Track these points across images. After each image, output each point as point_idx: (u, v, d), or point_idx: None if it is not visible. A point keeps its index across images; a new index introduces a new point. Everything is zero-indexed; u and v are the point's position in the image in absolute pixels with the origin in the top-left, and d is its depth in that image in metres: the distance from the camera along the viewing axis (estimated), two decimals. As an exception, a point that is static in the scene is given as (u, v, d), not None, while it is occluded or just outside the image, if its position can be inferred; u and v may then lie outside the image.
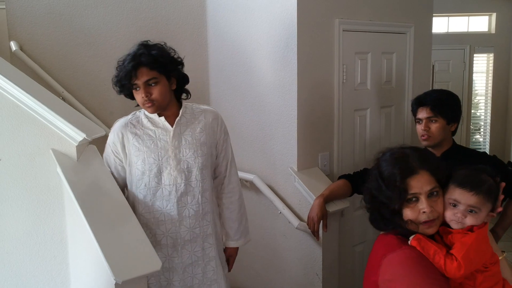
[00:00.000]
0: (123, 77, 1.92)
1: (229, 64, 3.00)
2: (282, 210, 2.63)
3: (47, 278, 2.13)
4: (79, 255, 2.04)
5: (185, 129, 2.01)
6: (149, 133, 1.99)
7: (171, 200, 1.97)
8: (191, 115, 2.05)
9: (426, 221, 1.34)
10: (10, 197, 2.08)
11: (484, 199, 1.32)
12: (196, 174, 2.00)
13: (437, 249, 1.31)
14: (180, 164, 1.98)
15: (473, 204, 1.32)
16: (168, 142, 1.98)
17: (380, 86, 2.94)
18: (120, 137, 2.01)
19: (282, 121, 2.65)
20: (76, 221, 1.97)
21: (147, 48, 1.95)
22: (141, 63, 1.90)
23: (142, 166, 1.97)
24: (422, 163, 1.37)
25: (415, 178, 1.34)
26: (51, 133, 2.03)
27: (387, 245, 1.39)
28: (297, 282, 2.72)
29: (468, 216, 1.32)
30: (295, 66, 2.53)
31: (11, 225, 2.09)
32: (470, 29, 6.44)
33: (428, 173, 1.35)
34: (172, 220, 1.98)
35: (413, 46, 3.08)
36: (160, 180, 1.96)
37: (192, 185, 2.00)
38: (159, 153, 1.97)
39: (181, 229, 1.99)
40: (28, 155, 2.06)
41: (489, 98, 6.55)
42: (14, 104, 2.02)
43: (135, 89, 1.94)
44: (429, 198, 1.34)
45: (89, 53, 3.00)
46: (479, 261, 1.30)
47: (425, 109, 2.22)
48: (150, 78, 1.91)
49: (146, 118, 2.02)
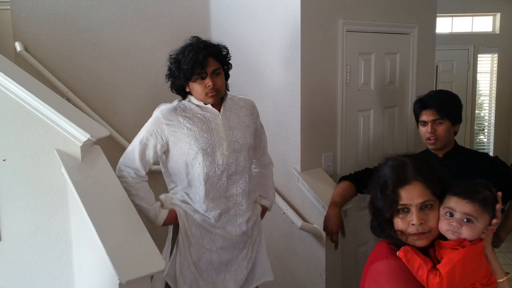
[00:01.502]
0: (190, 67, 1.96)
1: (232, 64, 3.00)
2: (285, 211, 2.63)
3: (51, 278, 2.14)
4: (83, 255, 2.04)
5: (230, 114, 2.11)
6: (198, 116, 2.04)
7: (222, 178, 2.05)
8: (232, 101, 2.15)
9: (415, 233, 1.31)
10: (15, 197, 2.09)
11: (480, 208, 1.28)
12: (245, 154, 2.09)
13: (422, 263, 1.27)
14: (231, 144, 2.05)
15: (468, 212, 1.28)
16: (219, 124, 2.05)
17: (383, 86, 2.94)
18: (169, 119, 2.02)
19: (285, 121, 2.65)
20: (81, 221, 1.97)
21: (207, 42, 2.05)
22: (210, 54, 1.99)
23: (196, 145, 2.00)
24: (417, 174, 1.33)
25: (406, 189, 1.32)
26: (55, 134, 2.04)
27: (378, 252, 1.39)
28: (300, 283, 2.72)
29: (464, 226, 1.28)
30: (299, 66, 2.53)
31: (16, 225, 2.10)
32: (474, 29, 6.42)
33: (421, 185, 1.32)
34: (221, 197, 2.06)
35: (417, 47, 3.08)
36: (214, 159, 2.02)
37: (241, 164, 2.09)
38: (212, 133, 2.03)
39: (229, 205, 2.08)
40: (32, 155, 2.07)
41: (493, 99, 6.53)
42: (19, 105, 2.03)
43: (199, 78, 1.98)
44: (421, 211, 1.31)
45: (93, 54, 3.01)
46: (466, 279, 1.25)
47: (431, 111, 2.21)
48: (217, 67, 2.02)
49: (194, 105, 2.07)
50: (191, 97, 2.08)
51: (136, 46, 3.11)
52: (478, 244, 1.28)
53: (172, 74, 2.05)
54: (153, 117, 2.06)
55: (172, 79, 2.06)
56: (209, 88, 1.98)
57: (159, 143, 2.03)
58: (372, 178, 1.46)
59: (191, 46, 2.00)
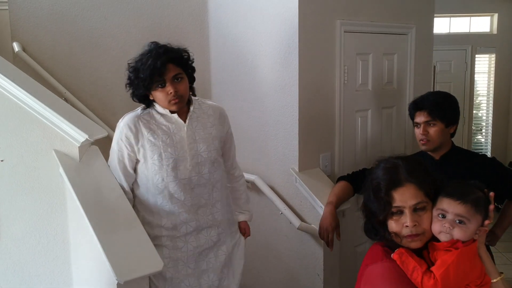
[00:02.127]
0: (148, 75, 1.89)
1: (230, 64, 3.01)
2: (283, 211, 2.63)
3: (49, 278, 2.14)
4: (81, 255, 2.05)
5: (197, 124, 2.05)
6: (163, 128, 1.99)
7: (186, 191, 2.01)
8: (200, 110, 2.09)
9: (409, 235, 1.31)
10: (13, 197, 2.09)
11: (472, 209, 1.28)
12: (209, 167, 2.05)
13: (416, 265, 1.28)
14: (194, 158, 2.02)
15: (460, 213, 1.28)
16: (183, 137, 2.01)
17: (381, 87, 2.95)
18: (134, 131, 1.97)
19: (283, 121, 2.66)
20: (79, 221, 1.98)
21: (166, 46, 1.97)
22: (169, 59, 1.91)
23: (159, 160, 1.97)
24: (410, 176, 1.33)
25: (399, 191, 1.32)
26: (53, 134, 2.05)
27: (373, 255, 1.39)
28: (298, 283, 2.73)
29: (456, 227, 1.28)
30: (297, 66, 2.54)
31: (14, 225, 2.10)
32: (472, 29, 6.43)
33: (414, 186, 1.32)
34: (189, 211, 2.03)
35: (415, 47, 3.09)
36: (177, 174, 1.99)
37: (204, 177, 2.05)
38: (176, 147, 1.99)
39: (197, 217, 2.05)
40: (30, 155, 2.07)
41: (491, 99, 6.54)
42: (17, 105, 2.04)
43: (159, 86, 1.92)
44: (414, 213, 1.32)
45: (91, 54, 3.01)
46: (460, 281, 1.25)
47: (423, 113, 2.21)
48: (177, 73, 1.94)
49: (159, 114, 2.01)
50: (156, 105, 2.01)
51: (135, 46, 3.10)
52: (471, 245, 1.28)
53: (131, 83, 1.97)
54: (119, 128, 2.01)
55: (132, 89, 1.98)
56: (171, 95, 1.91)
57: (131, 152, 2.00)
58: (365, 180, 1.45)
59: (149, 52, 1.92)
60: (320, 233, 2.33)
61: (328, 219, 2.29)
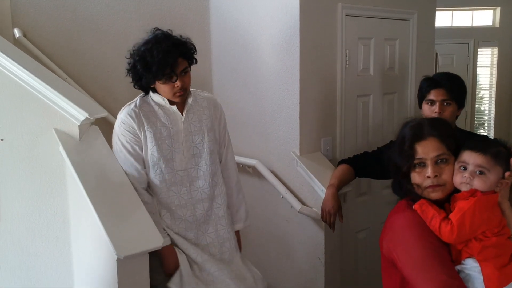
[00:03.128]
0: (159, 69, 1.85)
1: (231, 49, 3.00)
2: (284, 194, 2.62)
3: (49, 258, 2.13)
4: (81, 234, 2.04)
5: (193, 116, 2.05)
6: (161, 120, 1.98)
7: (184, 184, 2.00)
8: (195, 101, 2.08)
9: (430, 185, 1.37)
10: (13, 177, 2.09)
11: (492, 160, 1.32)
12: (206, 158, 2.04)
13: (435, 213, 1.33)
14: (190, 150, 2.02)
15: (480, 164, 1.32)
16: (180, 129, 2.00)
17: (383, 72, 2.93)
18: (136, 121, 1.94)
19: (284, 105, 2.65)
20: (79, 200, 1.97)
21: (175, 39, 1.94)
22: (180, 54, 1.91)
23: (157, 152, 1.96)
24: (432, 130, 1.40)
25: (422, 144, 1.38)
26: (53, 113, 2.04)
27: (397, 207, 1.47)
28: (299, 267, 2.72)
29: (476, 177, 1.32)
30: (298, 50, 2.53)
31: (14, 205, 2.10)
32: (474, 23, 6.41)
33: (437, 140, 1.38)
34: (187, 204, 2.01)
35: (416, 33, 3.07)
36: (173, 166, 1.98)
37: (202, 169, 2.04)
38: (172, 139, 1.98)
39: (196, 212, 2.02)
40: (31, 135, 2.07)
41: (493, 93, 6.52)
42: (17, 84, 2.03)
43: (168, 79, 1.89)
44: (436, 165, 1.37)
45: (92, 40, 3.00)
46: (475, 227, 1.28)
47: (441, 91, 2.17)
48: (185, 67, 1.93)
49: (157, 106, 2.00)
50: (153, 95, 2.00)
51: (135, 32, 3.09)
52: (490, 195, 1.31)
53: (136, 72, 1.93)
54: (120, 120, 1.96)
55: (137, 77, 1.95)
56: (177, 88, 1.91)
57: (138, 140, 1.96)
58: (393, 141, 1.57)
59: (158, 43, 1.88)
60: (322, 215, 2.32)
61: (330, 201, 2.28)
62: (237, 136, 2.98)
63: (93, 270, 1.93)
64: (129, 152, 1.96)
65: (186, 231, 2.01)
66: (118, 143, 1.97)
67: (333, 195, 2.28)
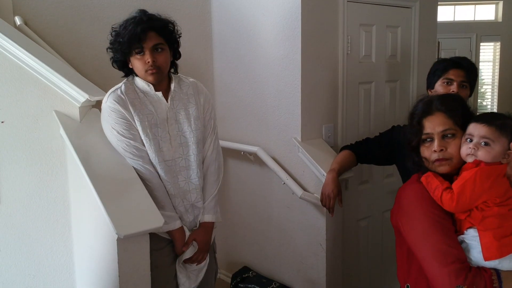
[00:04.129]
0: (127, 40, 1.81)
1: (233, 37, 2.99)
2: (285, 181, 2.61)
3: (50, 241, 2.13)
4: (82, 217, 2.03)
5: (178, 103, 1.98)
6: (148, 107, 1.91)
7: (173, 174, 1.94)
8: (179, 88, 2.00)
9: (437, 159, 1.41)
10: (13, 159, 2.08)
11: (497, 131, 1.33)
12: (193, 148, 1.98)
13: (438, 184, 1.36)
14: (177, 139, 1.96)
15: (484, 135, 1.33)
16: (165, 117, 1.94)
17: (385, 60, 2.92)
18: (124, 108, 1.87)
19: (286, 91, 2.63)
20: (79, 182, 1.96)
21: (151, 15, 1.91)
22: (151, 27, 1.84)
23: (146, 141, 1.89)
24: (441, 105, 1.43)
25: (429, 119, 1.43)
26: (54, 94, 2.04)
27: (409, 180, 1.52)
28: (301, 253, 2.70)
29: (480, 148, 1.34)
30: (299, 36, 2.51)
31: (14, 188, 2.10)
32: (477, 17, 6.40)
33: (444, 115, 1.42)
34: (177, 194, 1.96)
35: (418, 21, 3.05)
36: (163, 156, 1.92)
37: (190, 159, 1.98)
38: (158, 128, 1.92)
39: (184, 203, 1.98)
40: (31, 117, 2.06)
41: (495, 87, 6.51)
42: (17, 66, 2.03)
43: (137, 53, 1.84)
44: (443, 139, 1.41)
45: (93, 28, 2.99)
46: (476, 196, 1.30)
47: (460, 72, 2.14)
48: (158, 43, 1.85)
49: (142, 93, 1.93)
50: (135, 80, 1.94)
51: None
52: (494, 166, 1.32)
53: (111, 47, 1.90)
54: (109, 109, 1.88)
55: (112, 53, 1.92)
56: (148, 64, 1.83)
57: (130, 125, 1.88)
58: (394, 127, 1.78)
59: (133, 18, 1.86)
60: (322, 199, 2.31)
61: (329, 185, 2.27)
62: (239, 123, 2.97)
63: (94, 252, 1.92)
64: (129, 138, 1.88)
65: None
66: (114, 132, 1.88)
67: (333, 179, 2.27)
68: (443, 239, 1.31)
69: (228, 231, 3.23)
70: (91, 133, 2.02)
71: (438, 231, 1.32)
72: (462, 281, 1.25)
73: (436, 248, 1.30)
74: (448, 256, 1.28)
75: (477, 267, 1.29)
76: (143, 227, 1.74)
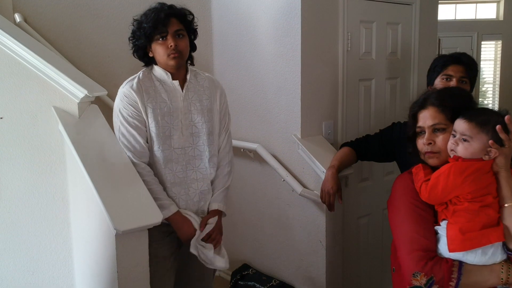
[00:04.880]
0: (152, 25, 1.90)
1: (233, 34, 2.99)
2: (285, 178, 2.60)
3: (49, 238, 2.12)
4: (81, 213, 2.03)
5: (193, 95, 2.04)
6: (162, 96, 1.98)
7: (180, 162, 1.99)
8: (195, 80, 2.07)
9: (427, 152, 1.45)
10: (12, 155, 2.07)
11: (476, 128, 1.34)
12: (204, 139, 2.03)
13: (422, 176, 1.40)
14: (189, 128, 2.00)
15: (463, 131, 1.35)
16: (179, 107, 1.99)
17: (385, 57, 2.91)
18: (138, 94, 1.93)
19: (286, 88, 2.63)
20: (78, 178, 1.96)
21: (172, 5, 1.98)
22: (173, 14, 1.94)
23: (156, 128, 1.94)
24: (435, 100, 1.46)
25: (422, 113, 1.47)
26: (53, 90, 2.03)
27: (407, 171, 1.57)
28: (301, 250, 2.70)
29: (460, 144, 1.36)
30: (299, 32, 2.51)
31: (13, 184, 2.09)
32: (478, 16, 6.39)
33: (436, 109, 1.45)
34: (182, 183, 1.99)
35: (419, 18, 3.05)
36: (171, 143, 1.97)
37: (200, 149, 2.03)
38: (171, 116, 1.97)
39: (190, 191, 2.01)
40: (30, 112, 2.05)
41: (497, 86, 6.49)
42: (16, 61, 2.02)
43: (161, 38, 1.92)
44: (433, 133, 1.45)
45: (93, 25, 2.99)
46: (448, 191, 1.33)
47: (460, 67, 2.13)
48: (180, 28, 1.94)
49: (158, 81, 2.00)
50: (155, 69, 2.00)
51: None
52: (469, 162, 1.33)
53: (134, 37, 1.98)
54: (122, 94, 1.95)
55: (134, 41, 1.99)
56: (171, 48, 1.90)
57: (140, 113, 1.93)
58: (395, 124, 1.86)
59: (155, 8, 1.95)
60: (322, 196, 2.30)
61: (329, 182, 2.26)
62: (239, 120, 2.97)
63: (92, 248, 1.92)
64: (131, 126, 1.93)
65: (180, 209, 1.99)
66: (120, 116, 1.95)
67: (333, 176, 2.26)
68: (416, 227, 1.36)
69: (228, 228, 3.18)
70: (90, 129, 2.02)
71: (412, 220, 1.38)
72: (420, 268, 1.29)
73: (407, 235, 1.36)
74: (415, 243, 1.33)
75: (441, 258, 1.32)
76: (142, 222, 1.74)
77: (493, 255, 1.29)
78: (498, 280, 1.27)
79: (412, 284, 1.29)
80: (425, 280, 1.28)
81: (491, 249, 1.28)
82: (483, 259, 1.29)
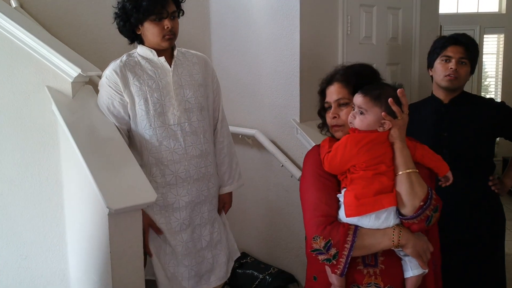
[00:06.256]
0: (152, 3, 1.84)
1: (231, 18, 2.95)
2: (284, 163, 2.56)
3: (42, 221, 2.08)
4: (74, 195, 1.99)
5: (182, 70, 2.00)
6: (148, 73, 1.94)
7: (178, 139, 1.95)
8: (184, 57, 2.04)
9: (334, 125, 1.51)
10: (4, 137, 2.04)
11: (370, 101, 1.38)
12: (197, 114, 2.00)
13: (326, 148, 1.45)
14: (181, 104, 1.96)
15: (359, 104, 1.40)
16: (170, 82, 1.95)
17: (385, 42, 2.87)
18: (120, 76, 1.91)
19: (284, 71, 2.58)
20: (71, 158, 1.92)
21: None
22: None
23: (145, 105, 1.91)
24: (340, 76, 1.52)
25: (329, 89, 1.53)
26: (46, 69, 1.99)
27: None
28: (300, 238, 2.66)
29: (357, 117, 1.41)
30: (298, 14, 2.47)
31: (5, 166, 2.05)
32: (480, 9, 6.33)
33: (340, 85, 1.50)
34: (181, 160, 1.95)
35: (420, 4, 3.00)
36: (165, 120, 1.93)
37: (194, 125, 1.99)
38: (162, 92, 1.93)
39: (190, 168, 1.97)
40: (22, 93, 2.02)
41: (499, 80, 6.43)
42: (8, 40, 1.98)
43: (157, 19, 1.87)
44: (338, 108, 1.50)
45: (90, 11, 2.96)
46: (345, 160, 1.39)
47: (459, 48, 2.09)
48: (175, 10, 1.92)
49: (144, 59, 1.96)
50: (140, 48, 1.97)
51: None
52: (364, 133, 1.40)
53: (125, 13, 1.90)
54: (105, 76, 1.94)
55: (124, 18, 1.91)
56: (167, 30, 1.88)
57: (121, 96, 1.92)
58: None
59: None
60: None
61: None
62: (237, 106, 2.93)
63: (85, 228, 1.88)
64: (108, 108, 1.93)
65: (178, 187, 1.96)
66: (99, 97, 1.96)
67: None
68: (319, 194, 1.42)
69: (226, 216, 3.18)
70: (83, 109, 1.98)
71: (316, 188, 1.44)
72: (320, 231, 1.36)
73: (311, 202, 1.43)
74: (317, 209, 1.40)
75: (339, 222, 1.38)
76: (135, 201, 1.69)
77: (386, 220, 1.35)
78: (390, 242, 1.34)
79: (313, 247, 1.37)
80: (324, 243, 1.35)
81: (384, 213, 1.35)
82: (376, 223, 1.36)
